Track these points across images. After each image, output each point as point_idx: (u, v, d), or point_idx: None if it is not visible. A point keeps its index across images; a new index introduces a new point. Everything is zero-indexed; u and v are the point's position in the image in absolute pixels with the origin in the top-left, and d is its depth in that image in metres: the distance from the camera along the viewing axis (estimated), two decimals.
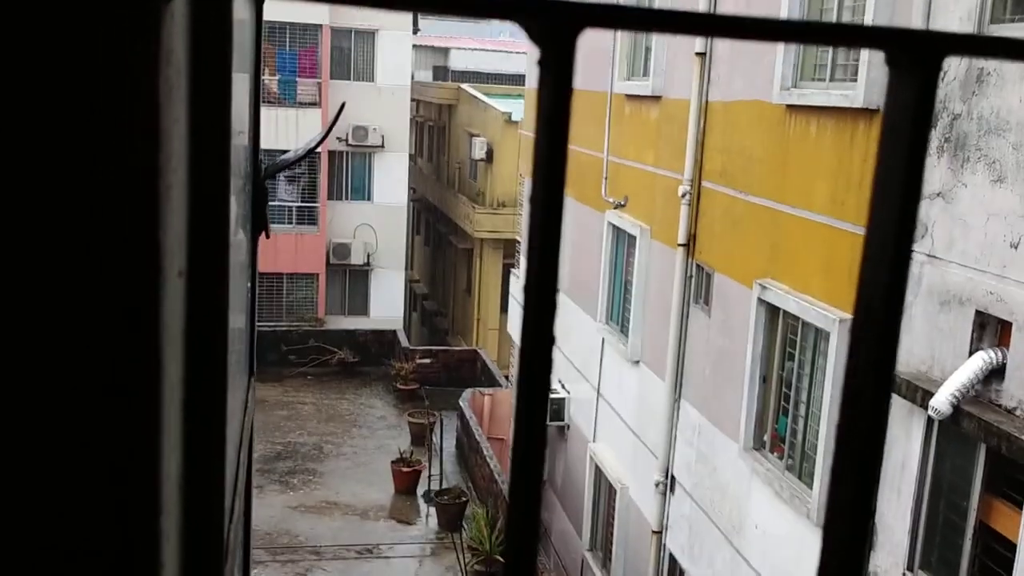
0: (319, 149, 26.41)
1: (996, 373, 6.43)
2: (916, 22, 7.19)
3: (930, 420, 6.92)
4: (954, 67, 6.78)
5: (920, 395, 6.90)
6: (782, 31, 0.61)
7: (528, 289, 0.55)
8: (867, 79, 7.74)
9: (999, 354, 6.41)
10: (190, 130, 0.70)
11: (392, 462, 18.95)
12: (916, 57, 0.58)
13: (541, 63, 0.54)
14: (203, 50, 0.69)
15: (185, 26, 0.66)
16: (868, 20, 7.78)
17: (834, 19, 8.56)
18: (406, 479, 18.71)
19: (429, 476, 18.63)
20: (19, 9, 0.48)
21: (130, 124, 0.49)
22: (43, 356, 0.52)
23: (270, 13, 27.65)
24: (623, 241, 13.42)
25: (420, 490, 18.77)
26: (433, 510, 17.90)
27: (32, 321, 0.51)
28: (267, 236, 1.73)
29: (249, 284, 1.71)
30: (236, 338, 1.32)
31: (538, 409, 0.51)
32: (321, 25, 26.60)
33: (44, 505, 0.54)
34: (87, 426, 0.52)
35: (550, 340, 0.53)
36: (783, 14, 9.02)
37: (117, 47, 0.48)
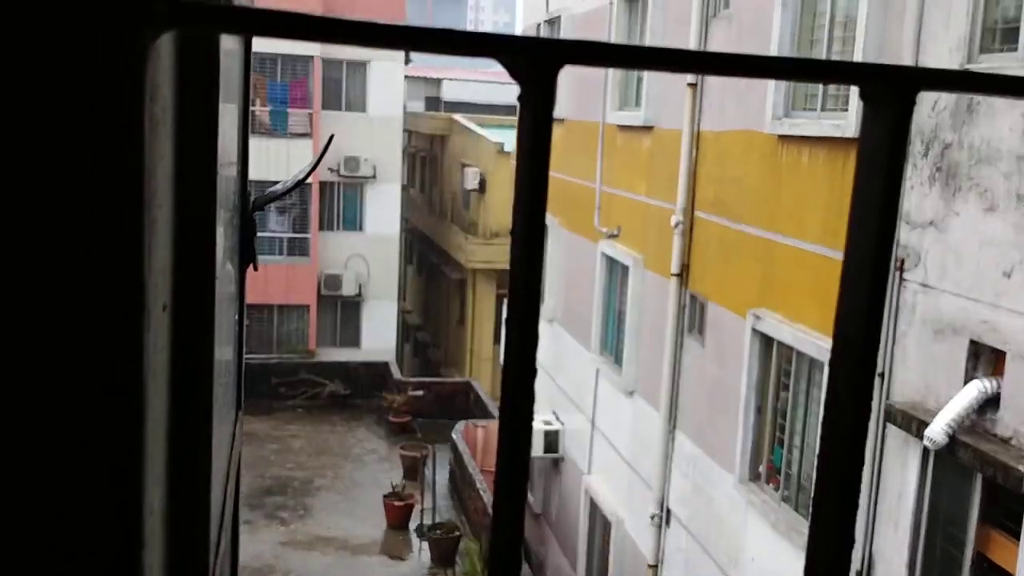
0: (310, 180, 26.46)
1: (991, 402, 6.43)
2: (906, 52, 7.26)
3: (926, 450, 6.90)
4: (944, 96, 6.84)
5: (915, 425, 6.89)
6: (758, 67, 0.61)
7: (511, 319, 0.55)
8: (858, 109, 7.80)
9: (994, 383, 6.41)
10: (176, 164, 0.70)
11: (384, 496, 18.81)
12: (890, 92, 0.58)
13: (521, 99, 0.54)
14: (190, 86, 0.69)
15: (172, 62, 0.66)
16: (858, 49, 7.85)
17: (824, 48, 8.64)
18: (398, 513, 18.57)
19: (422, 510, 18.49)
20: (4, 45, 0.48)
21: (114, 160, 0.49)
22: (23, 389, 0.51)
23: (261, 45, 27.81)
24: (616, 271, 13.44)
25: (412, 524, 18.62)
26: (426, 545, 17.75)
27: (11, 354, 0.51)
28: (255, 268, 1.73)
29: (237, 317, 1.71)
30: (223, 371, 1.32)
31: (522, 439, 0.51)
32: (312, 56, 26.73)
33: (22, 536, 0.53)
34: (67, 458, 0.52)
35: (532, 371, 0.53)
36: (773, 44, 9.10)
37: (102, 84, 0.48)
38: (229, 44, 1.29)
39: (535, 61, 0.53)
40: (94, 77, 0.48)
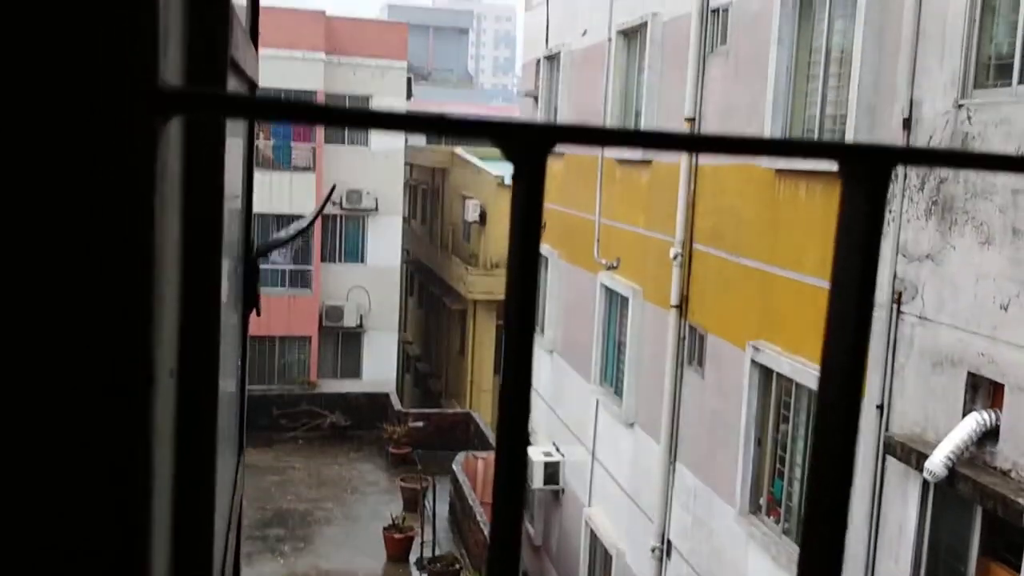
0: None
1: (990, 435, 6.43)
2: (901, 87, 7.33)
3: (926, 483, 6.89)
4: (939, 131, 6.89)
5: (915, 457, 6.88)
6: (742, 146, 0.64)
7: (503, 398, 0.57)
8: (855, 141, 7.85)
9: (992, 416, 6.42)
10: (183, 238, 0.72)
11: (384, 528, 18.72)
12: (867, 168, 0.61)
13: (515, 177, 0.57)
14: (197, 156, 0.72)
15: (181, 137, 0.69)
16: (853, 84, 7.92)
17: (820, 83, 8.71)
18: (398, 546, 18.47)
19: (422, 542, 18.39)
20: (20, 124, 0.51)
21: (125, 239, 0.52)
22: (29, 460, 0.53)
23: (264, 79, 27.93)
24: (616, 302, 13.46)
25: (413, 557, 18.51)
26: None
27: (20, 418, 0.53)
28: (258, 314, 1.76)
29: (239, 362, 1.73)
30: (225, 416, 1.34)
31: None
32: (316, 91, 26.92)
33: None
34: (72, 528, 0.54)
35: (525, 444, 0.55)
36: (770, 79, 9.18)
37: (112, 171, 0.51)
38: (238, 86, 1.33)
39: (527, 143, 0.56)
40: (105, 164, 0.51)
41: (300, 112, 0.55)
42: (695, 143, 0.58)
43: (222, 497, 1.23)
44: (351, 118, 0.58)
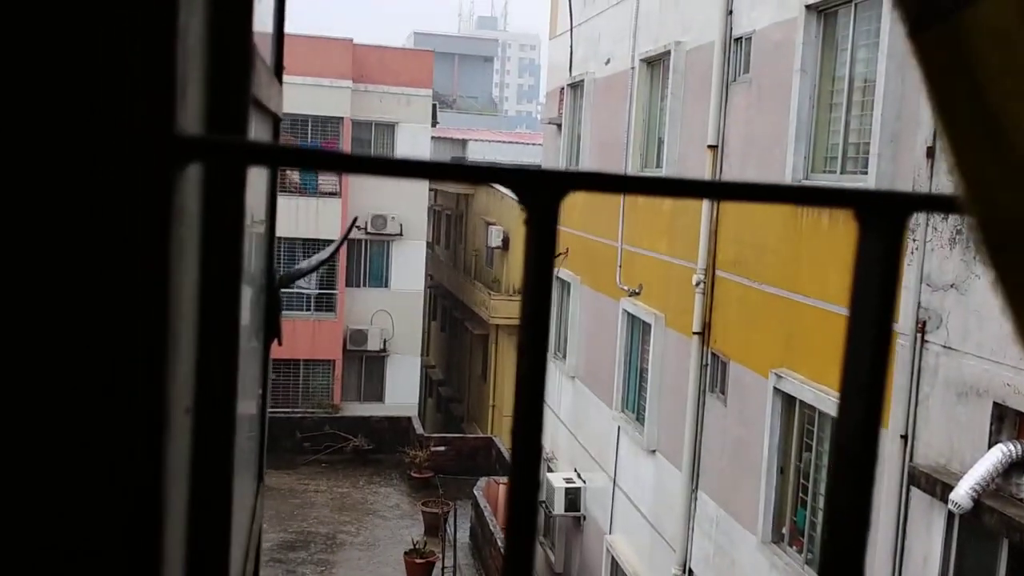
0: (337, 238, 26.69)
1: (1016, 466, 6.35)
2: (924, 116, 7.30)
3: (951, 515, 6.81)
4: None
5: (940, 488, 6.80)
6: (756, 193, 0.64)
7: (514, 449, 0.57)
8: (878, 170, 7.83)
9: (1018, 447, 6.34)
10: (202, 278, 0.73)
11: (405, 553, 18.68)
12: (882, 216, 0.61)
13: (527, 223, 0.58)
14: (217, 207, 0.73)
15: (199, 185, 0.70)
16: (876, 114, 7.90)
17: (843, 112, 8.69)
18: (419, 571, 18.41)
19: (443, 568, 18.33)
20: (38, 169, 0.52)
21: (139, 286, 0.53)
22: (40, 501, 0.54)
23: (292, 106, 28.20)
24: (638, 329, 13.42)
25: None
26: None
27: (31, 457, 0.54)
28: (280, 344, 1.77)
29: (260, 390, 1.74)
30: (244, 446, 1.34)
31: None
32: (343, 118, 27.16)
33: None
34: (85, 570, 0.55)
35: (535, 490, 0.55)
36: (793, 108, 9.17)
37: (129, 217, 0.52)
38: (257, 133, 1.35)
39: (540, 189, 0.57)
40: (120, 211, 0.52)
41: (315, 160, 0.56)
42: (710, 190, 0.59)
43: (239, 526, 1.24)
44: (366, 165, 0.59)
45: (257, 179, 1.46)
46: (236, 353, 0.82)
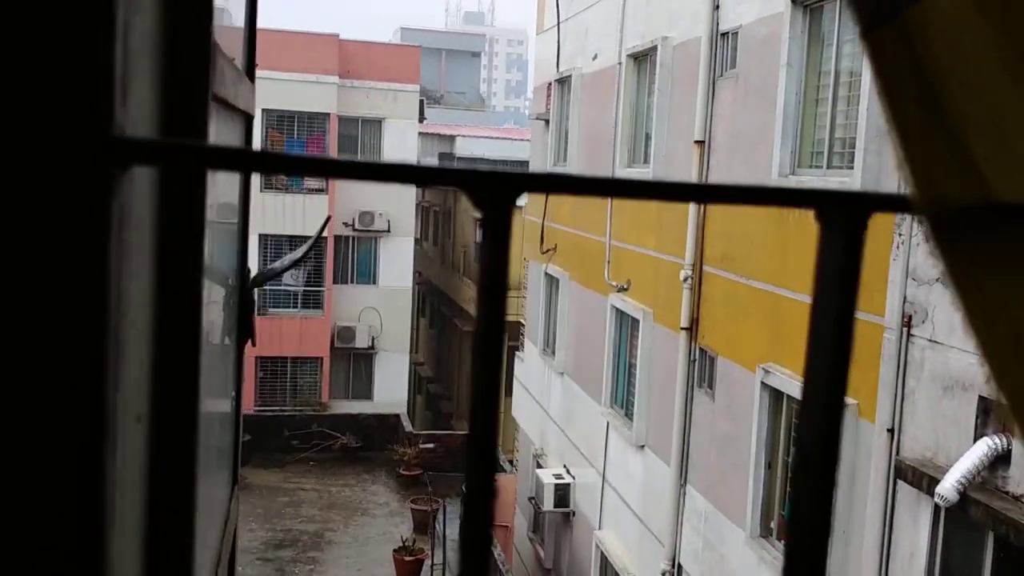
0: (324, 234, 26.64)
1: (1002, 459, 6.37)
2: None
3: (937, 508, 6.83)
4: None
5: (926, 482, 6.82)
6: (715, 194, 0.63)
7: (471, 431, 0.57)
8: (864, 166, 7.84)
9: (1004, 440, 6.36)
10: (158, 282, 0.72)
11: (394, 550, 18.66)
12: (844, 215, 0.60)
13: (482, 225, 0.57)
14: (171, 211, 0.71)
15: (150, 187, 0.68)
16: (863, 107, 7.90)
17: (829, 106, 8.70)
18: (408, 568, 18.40)
19: (432, 565, 18.32)
20: None
21: (75, 290, 0.51)
22: None
23: (278, 102, 28.02)
24: (626, 324, 13.43)
25: None
26: None
27: None
28: (253, 344, 1.75)
29: (234, 392, 1.72)
30: (213, 451, 1.33)
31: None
32: (329, 114, 27.09)
33: None
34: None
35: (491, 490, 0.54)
36: (779, 103, 9.18)
37: (67, 220, 0.50)
38: (228, 133, 1.33)
39: (493, 191, 0.56)
40: (56, 214, 0.50)
41: (260, 162, 0.55)
42: (669, 191, 0.58)
43: (210, 531, 1.22)
44: (314, 166, 0.58)
45: (228, 178, 1.44)
46: (197, 358, 0.80)
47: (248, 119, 1.58)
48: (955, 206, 0.52)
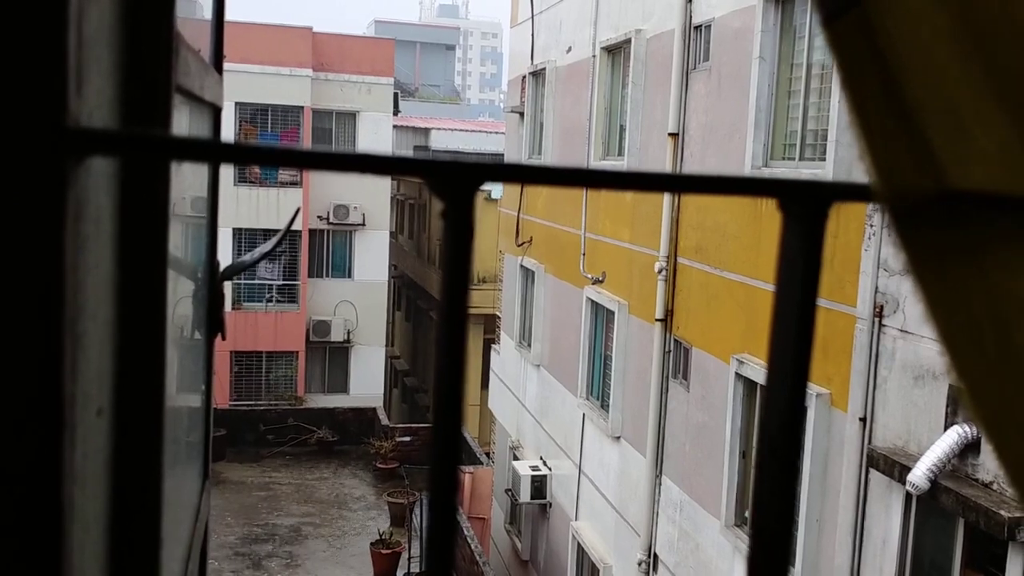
0: (299, 227, 26.52)
1: (972, 447, 6.44)
2: None
3: (908, 496, 6.90)
4: None
5: (898, 470, 6.89)
6: (676, 183, 0.63)
7: (435, 428, 0.56)
8: (835, 158, 7.90)
9: (974, 428, 6.43)
10: (121, 275, 0.71)
11: (371, 544, 18.64)
12: (806, 204, 0.61)
13: (443, 215, 0.57)
14: (132, 203, 0.71)
15: (109, 175, 0.67)
16: (834, 100, 7.95)
17: (801, 98, 8.75)
18: (385, 561, 18.38)
19: (409, 558, 18.32)
20: None
21: (28, 283, 0.50)
22: None
23: (251, 95, 27.84)
24: (602, 316, 13.47)
25: (400, 572, 18.43)
26: None
27: None
28: (223, 338, 1.74)
29: (204, 387, 1.71)
30: (185, 441, 1.32)
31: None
32: (303, 107, 26.95)
33: None
34: None
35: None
36: (752, 95, 9.22)
37: (15, 212, 0.49)
38: (195, 126, 1.31)
39: (454, 181, 0.56)
40: (9, 202, 0.50)
41: (217, 152, 0.54)
42: (634, 180, 0.58)
43: (179, 527, 1.22)
44: (270, 156, 0.58)
45: (196, 170, 1.43)
46: (162, 351, 0.79)
47: (216, 111, 1.56)
48: (914, 196, 0.53)
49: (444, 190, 0.56)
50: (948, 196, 0.51)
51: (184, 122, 1.14)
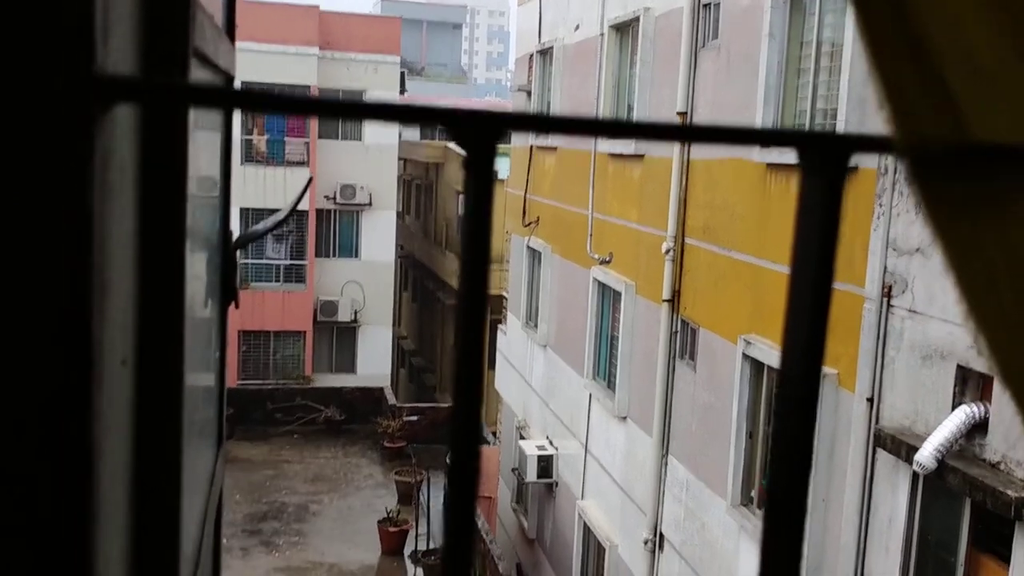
0: (306, 208, 26.52)
1: (979, 427, 6.45)
2: None
3: (915, 475, 6.91)
4: None
5: (905, 450, 6.90)
6: (697, 134, 0.64)
7: (457, 375, 0.57)
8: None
9: (981, 408, 6.43)
10: (141, 223, 0.72)
11: (379, 522, 18.75)
12: (825, 157, 0.61)
13: (466, 165, 0.57)
14: (155, 145, 0.71)
15: (134, 124, 0.68)
16: (844, 78, 7.92)
17: (811, 76, 8.71)
18: (393, 539, 18.49)
19: (416, 536, 18.42)
20: None
21: (61, 231, 0.51)
22: None
23: (258, 75, 27.78)
24: (608, 297, 13.47)
25: (407, 550, 18.54)
26: (420, 571, 17.66)
27: None
28: (236, 306, 1.75)
29: (218, 353, 1.72)
30: (199, 409, 1.33)
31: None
32: (309, 86, 26.88)
33: None
34: (13, 518, 0.53)
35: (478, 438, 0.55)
36: (761, 73, 9.17)
37: (48, 159, 0.50)
38: (210, 80, 1.32)
39: (477, 130, 0.56)
40: (39, 150, 0.50)
41: (240, 100, 0.55)
42: (651, 131, 0.58)
43: (197, 489, 1.23)
44: (294, 105, 0.58)
45: (209, 141, 1.44)
46: (182, 301, 0.80)
47: (229, 79, 1.57)
48: (933, 145, 0.53)
49: (467, 139, 0.57)
50: (966, 146, 0.51)
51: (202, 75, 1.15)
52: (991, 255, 0.53)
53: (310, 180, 3.91)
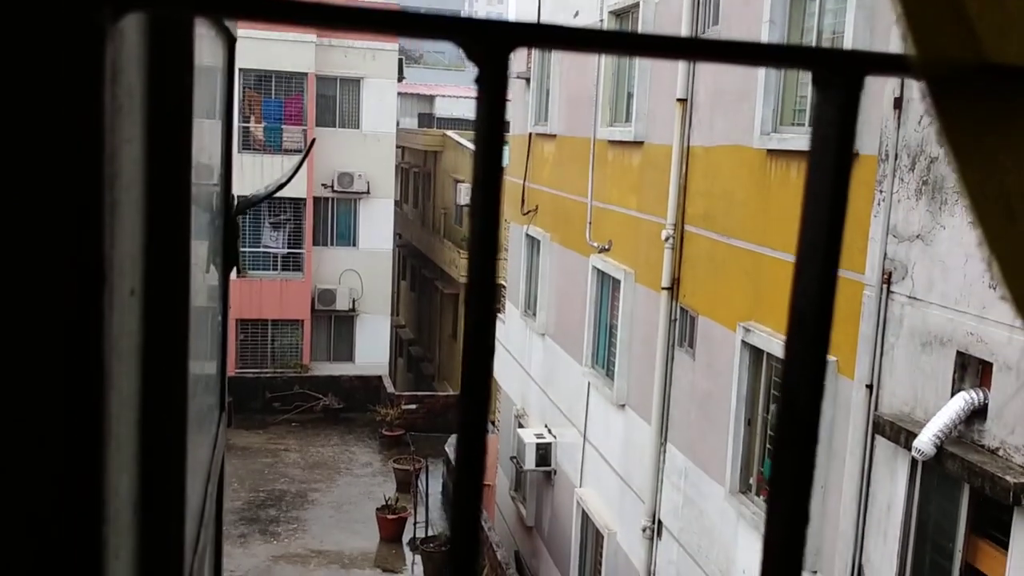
0: (304, 196, 26.49)
1: (978, 413, 6.45)
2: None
3: (914, 461, 6.92)
4: (926, 118, 6.88)
5: (904, 436, 6.91)
6: (712, 50, 0.63)
7: (467, 317, 0.56)
8: None
9: (980, 395, 6.44)
10: (147, 152, 0.71)
11: (377, 509, 18.78)
12: (839, 75, 0.60)
13: (478, 80, 0.56)
14: (162, 72, 0.71)
15: (141, 47, 0.67)
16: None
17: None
18: (391, 527, 18.52)
19: (415, 523, 18.45)
20: None
21: (71, 137, 0.51)
22: None
23: (256, 62, 27.72)
24: (607, 285, 13.46)
25: (406, 538, 18.58)
26: (419, 558, 17.70)
27: None
28: (239, 273, 1.74)
29: (221, 318, 1.72)
30: (203, 367, 1.32)
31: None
32: (307, 73, 26.82)
33: None
34: (25, 436, 0.53)
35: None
36: (760, 74, 9.14)
37: (58, 65, 0.49)
38: (210, 59, 1.31)
39: (490, 41, 0.55)
40: (50, 59, 0.50)
41: (243, 5, 0.54)
42: (662, 45, 0.58)
43: (200, 441, 1.22)
44: (303, 12, 0.57)
45: (211, 127, 1.43)
46: (187, 221, 0.79)
47: (231, 41, 1.56)
48: (950, 65, 0.52)
49: (479, 52, 0.56)
50: (983, 67, 0.51)
51: (202, 46, 1.14)
52: (1006, 178, 0.53)
53: (313, 141, 3.89)
